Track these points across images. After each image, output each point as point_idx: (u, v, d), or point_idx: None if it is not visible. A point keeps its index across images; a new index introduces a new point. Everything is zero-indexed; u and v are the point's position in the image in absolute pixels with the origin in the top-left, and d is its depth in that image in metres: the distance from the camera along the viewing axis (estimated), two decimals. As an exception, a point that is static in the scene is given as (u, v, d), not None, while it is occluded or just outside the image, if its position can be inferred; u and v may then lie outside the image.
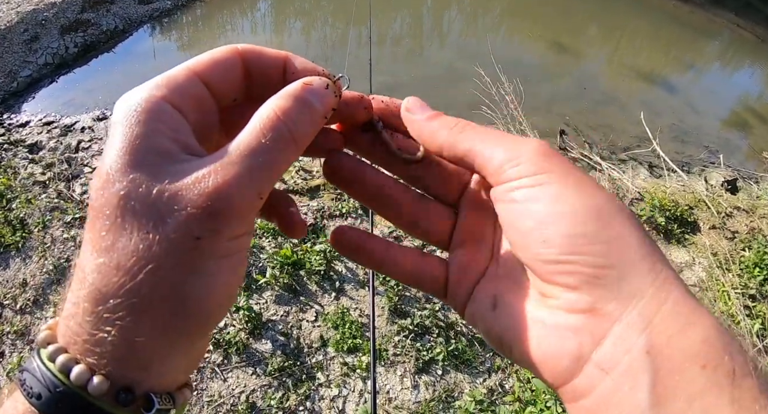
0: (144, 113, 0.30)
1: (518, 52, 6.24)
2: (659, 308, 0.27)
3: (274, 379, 2.33)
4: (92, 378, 0.27)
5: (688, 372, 0.25)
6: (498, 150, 0.34)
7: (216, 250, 0.29)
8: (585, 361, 0.28)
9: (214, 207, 0.28)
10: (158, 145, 0.29)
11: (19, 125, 4.09)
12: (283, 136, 0.31)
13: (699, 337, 0.26)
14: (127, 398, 0.28)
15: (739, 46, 7.05)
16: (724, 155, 4.36)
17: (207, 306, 0.29)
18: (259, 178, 0.30)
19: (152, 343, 0.28)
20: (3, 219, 3.07)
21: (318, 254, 2.82)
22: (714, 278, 2.98)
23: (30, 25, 5.14)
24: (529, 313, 0.32)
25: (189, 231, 0.28)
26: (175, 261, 0.28)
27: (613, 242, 0.29)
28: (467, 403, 2.26)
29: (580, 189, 0.31)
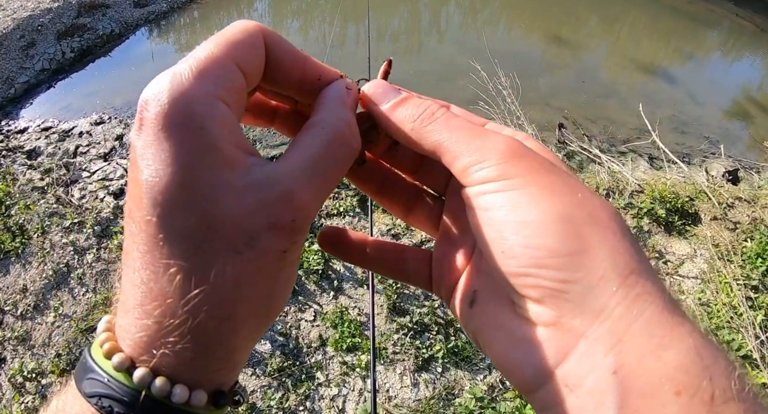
0: (207, 119, 0.27)
1: (517, 45, 6.22)
2: (629, 327, 0.25)
3: (274, 380, 2.33)
4: (193, 393, 0.27)
5: (660, 397, 0.23)
6: (464, 149, 0.31)
7: (293, 258, 0.30)
8: (550, 376, 0.27)
9: (298, 223, 0.29)
10: (228, 156, 0.27)
11: (17, 131, 4.10)
12: (349, 152, 0.32)
13: (673, 362, 0.24)
14: (225, 402, 0.29)
15: (738, 36, 7.00)
16: (724, 146, 4.33)
17: (283, 305, 0.32)
18: (327, 189, 0.31)
19: (244, 348, 0.30)
20: (2, 225, 3.08)
21: (316, 253, 2.81)
22: (716, 269, 2.96)
23: (26, 31, 5.15)
24: (501, 317, 0.31)
25: (279, 245, 0.28)
26: (266, 277, 0.28)
27: (578, 255, 0.27)
28: (467, 400, 2.25)
29: (546, 196, 0.28)
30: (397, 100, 0.35)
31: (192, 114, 0.26)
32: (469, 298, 0.34)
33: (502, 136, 0.32)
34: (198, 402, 0.27)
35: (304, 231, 0.30)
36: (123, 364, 0.27)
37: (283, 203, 0.28)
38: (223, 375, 0.29)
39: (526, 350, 0.28)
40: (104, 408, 0.27)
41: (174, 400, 0.27)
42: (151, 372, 0.27)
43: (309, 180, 0.29)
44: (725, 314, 2.69)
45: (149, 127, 0.26)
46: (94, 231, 3.07)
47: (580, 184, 0.30)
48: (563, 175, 0.30)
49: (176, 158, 0.26)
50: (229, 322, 0.28)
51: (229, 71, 0.29)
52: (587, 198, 0.29)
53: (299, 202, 0.28)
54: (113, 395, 0.27)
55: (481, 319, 0.33)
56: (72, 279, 2.85)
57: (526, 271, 0.28)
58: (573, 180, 0.30)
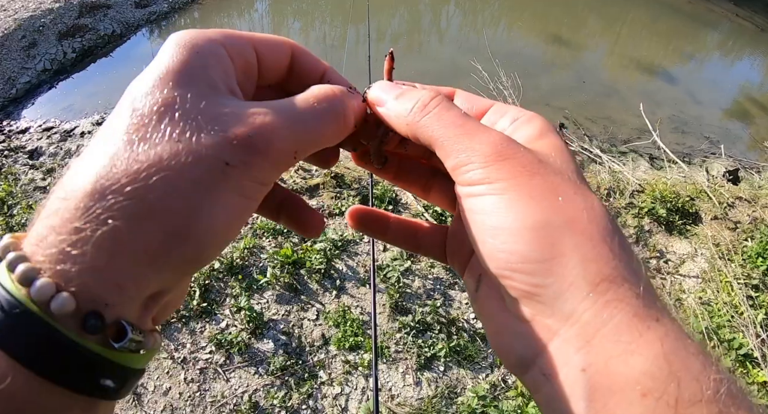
0: (202, 47, 0.30)
1: (518, 45, 6.22)
2: (597, 331, 0.26)
3: (277, 379, 2.34)
4: (57, 294, 0.23)
5: (627, 395, 0.24)
6: (454, 147, 0.32)
7: (239, 184, 0.28)
8: (530, 364, 0.29)
9: (253, 140, 0.28)
10: (210, 78, 0.29)
11: (18, 132, 4.11)
12: (333, 110, 0.32)
13: (639, 367, 0.24)
14: (96, 324, 0.23)
15: (738, 36, 7.01)
16: (725, 145, 4.34)
17: (208, 239, 0.27)
18: (300, 136, 0.30)
19: (139, 254, 0.25)
20: (5, 225, 3.09)
21: (318, 253, 2.82)
22: (717, 269, 2.96)
23: (28, 32, 5.15)
24: (494, 306, 0.33)
25: (221, 153, 0.27)
26: (197, 177, 0.26)
27: (549, 261, 0.27)
28: (470, 398, 2.26)
29: (524, 202, 0.29)
30: (396, 93, 0.36)
31: (192, 42, 0.30)
32: (475, 281, 0.36)
33: (490, 134, 0.32)
34: (60, 306, 0.23)
35: (259, 155, 0.28)
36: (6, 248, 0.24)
37: (245, 117, 0.28)
38: (104, 286, 0.24)
39: (511, 340, 0.30)
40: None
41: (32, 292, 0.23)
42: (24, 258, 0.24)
43: (279, 114, 0.30)
44: (726, 313, 2.70)
45: (158, 53, 0.30)
46: (97, 231, 3.08)
47: (565, 184, 0.30)
48: (547, 176, 0.30)
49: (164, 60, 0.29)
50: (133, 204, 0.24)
51: (243, 43, 0.33)
52: (569, 201, 0.29)
53: (262, 123, 0.28)
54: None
55: (482, 304, 0.35)
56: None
57: (503, 273, 0.29)
58: (558, 180, 0.30)
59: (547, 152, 0.32)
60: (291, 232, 2.97)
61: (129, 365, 0.26)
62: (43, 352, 0.23)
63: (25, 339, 0.23)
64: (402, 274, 2.73)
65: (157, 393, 2.28)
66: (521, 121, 0.35)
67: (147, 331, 0.27)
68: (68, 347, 0.23)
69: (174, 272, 0.26)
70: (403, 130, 0.35)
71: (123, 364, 0.26)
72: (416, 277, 2.79)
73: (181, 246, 0.26)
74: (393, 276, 2.70)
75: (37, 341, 0.23)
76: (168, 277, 0.26)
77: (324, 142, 0.33)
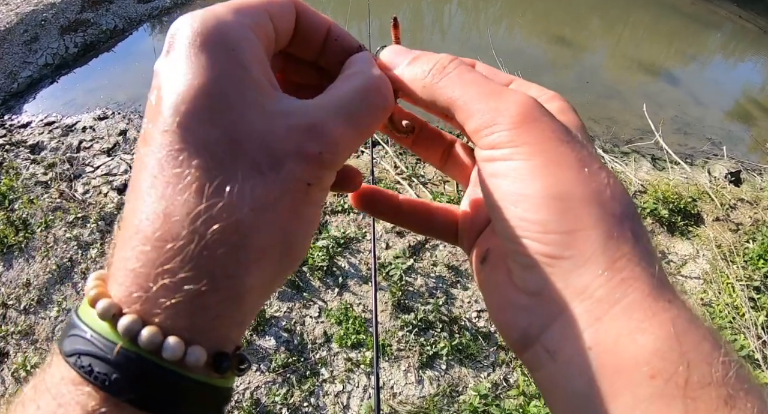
0: (232, 40, 0.26)
1: (520, 44, 6.22)
2: (610, 309, 0.25)
3: (279, 376, 2.34)
4: (189, 350, 0.23)
5: (635, 376, 0.24)
6: (477, 108, 0.30)
7: (317, 198, 0.28)
8: (534, 340, 0.28)
9: (325, 156, 0.27)
10: (255, 81, 0.27)
11: (20, 126, 4.09)
12: (383, 104, 0.31)
13: (649, 346, 0.24)
14: (228, 365, 0.24)
15: (741, 38, 7.01)
16: (727, 147, 4.34)
17: (303, 253, 0.28)
18: (359, 139, 0.30)
19: (257, 293, 0.25)
20: (6, 220, 3.08)
21: (321, 250, 2.81)
22: (718, 270, 2.96)
23: (29, 26, 5.14)
24: (499, 280, 0.32)
25: (304, 176, 0.26)
26: (290, 206, 0.26)
27: (569, 233, 0.27)
28: (472, 397, 2.26)
29: (550, 169, 0.28)
30: (412, 56, 0.34)
31: (225, 35, 0.26)
32: (482, 255, 0.35)
33: (518, 95, 0.30)
34: (195, 361, 0.23)
35: (330, 167, 0.28)
36: (108, 312, 0.23)
37: (312, 133, 0.27)
38: (228, 328, 0.25)
39: (515, 314, 0.30)
40: (83, 368, 0.22)
41: (165, 355, 0.22)
42: (139, 319, 0.23)
43: (340, 117, 0.28)
44: (728, 315, 2.70)
45: (179, 47, 0.26)
46: (98, 226, 3.07)
47: (590, 157, 0.29)
48: (575, 145, 0.29)
49: (205, 71, 0.25)
50: (242, 252, 0.24)
51: (262, 16, 0.29)
52: (594, 174, 0.28)
53: (328, 136, 0.27)
54: (94, 352, 0.23)
55: (486, 278, 0.34)
56: (75, 274, 2.85)
57: (520, 241, 0.28)
58: (584, 152, 0.29)
59: (572, 122, 0.32)
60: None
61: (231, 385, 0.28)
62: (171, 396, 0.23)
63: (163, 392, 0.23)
64: (404, 272, 2.73)
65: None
66: (542, 99, 0.34)
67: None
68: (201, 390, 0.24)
69: (274, 290, 0.29)
70: (419, 93, 0.33)
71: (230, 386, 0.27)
72: (419, 275, 2.79)
73: (288, 270, 0.28)
74: (395, 274, 2.70)
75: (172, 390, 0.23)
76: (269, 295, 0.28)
77: (374, 132, 0.32)
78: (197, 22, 0.26)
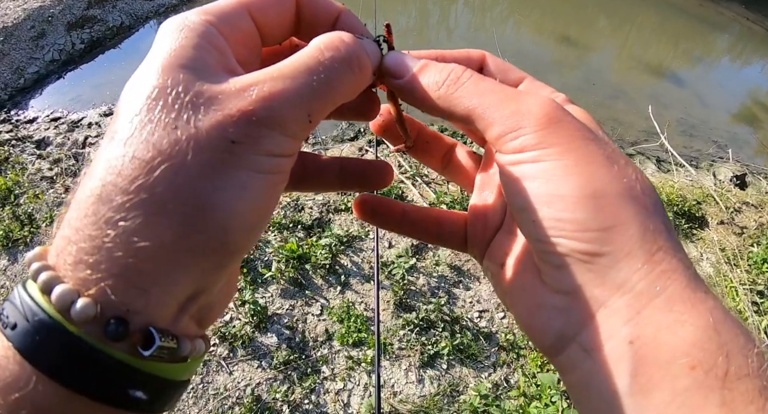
0: (191, 30, 0.27)
1: (526, 45, 6.20)
2: (650, 302, 0.25)
3: (280, 373, 2.34)
4: (77, 300, 0.22)
5: (674, 368, 0.24)
6: (499, 115, 0.30)
7: (252, 161, 0.25)
8: (569, 341, 0.28)
9: (256, 113, 0.25)
10: (203, 59, 0.27)
11: (26, 121, 4.12)
12: (343, 58, 0.29)
13: (690, 337, 0.24)
14: (118, 330, 0.22)
15: (748, 40, 6.97)
16: (732, 150, 4.32)
17: (231, 223, 0.25)
18: (311, 95, 0.27)
19: (157, 253, 0.23)
20: (11, 214, 3.10)
21: (323, 248, 2.82)
22: (722, 274, 2.95)
23: (36, 22, 5.16)
24: (527, 283, 0.31)
25: (224, 132, 0.25)
26: (202, 161, 0.24)
27: (608, 230, 0.27)
28: (472, 397, 2.26)
29: (581, 168, 0.28)
30: (416, 68, 0.33)
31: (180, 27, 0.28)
32: (500, 259, 0.35)
33: (537, 98, 0.30)
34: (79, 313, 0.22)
35: (266, 127, 0.26)
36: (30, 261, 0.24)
37: (243, 91, 0.26)
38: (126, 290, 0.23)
39: (548, 317, 0.29)
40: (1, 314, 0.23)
41: (53, 300, 0.22)
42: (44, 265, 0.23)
43: (282, 79, 0.27)
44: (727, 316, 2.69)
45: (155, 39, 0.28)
46: (103, 221, 3.09)
47: (617, 154, 0.29)
48: (601, 143, 0.29)
49: (154, 52, 0.27)
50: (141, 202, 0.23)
51: (235, 14, 0.30)
52: (623, 169, 0.28)
53: (262, 92, 0.26)
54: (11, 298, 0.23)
55: (510, 283, 0.33)
56: (80, 269, 2.86)
57: (555, 241, 0.28)
58: (610, 149, 0.29)
59: (591, 124, 0.32)
60: (296, 226, 2.98)
61: (164, 376, 0.25)
62: (64, 359, 0.22)
63: (46, 346, 0.22)
64: (407, 271, 2.73)
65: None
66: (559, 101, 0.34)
67: (185, 337, 0.25)
68: (90, 355, 0.22)
69: (203, 268, 0.25)
70: (431, 104, 0.33)
71: (156, 374, 0.24)
72: (421, 274, 2.79)
73: (200, 236, 0.24)
74: (398, 273, 2.70)
75: (58, 348, 0.22)
76: (198, 274, 0.25)
77: (339, 96, 0.29)
78: (169, 19, 0.29)
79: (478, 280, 2.82)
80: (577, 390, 0.28)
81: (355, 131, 4.05)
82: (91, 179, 0.24)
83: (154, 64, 0.26)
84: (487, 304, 2.69)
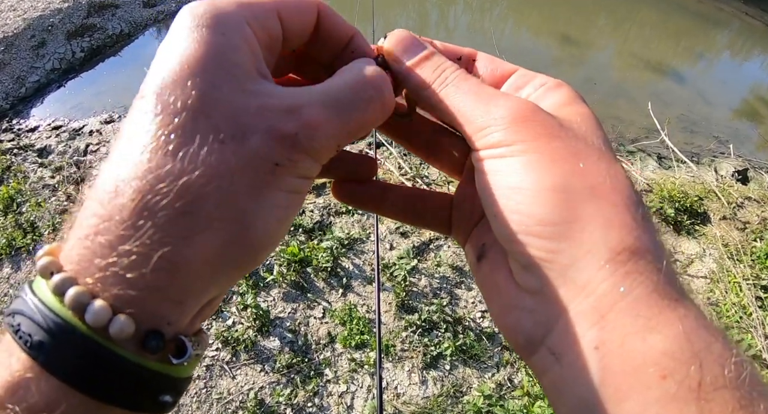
0: (226, 26, 0.26)
1: (526, 44, 6.21)
2: (614, 304, 0.24)
3: (283, 376, 2.34)
4: (114, 318, 0.22)
5: (644, 377, 0.23)
6: (472, 114, 0.31)
7: (287, 182, 0.26)
8: (539, 344, 0.27)
9: (300, 138, 0.26)
10: (242, 63, 0.26)
11: (28, 130, 4.14)
12: (378, 98, 0.30)
13: (659, 345, 0.23)
14: (158, 345, 0.22)
15: (748, 36, 6.95)
16: (734, 145, 4.30)
17: (264, 239, 0.26)
18: (344, 129, 0.28)
19: (199, 268, 0.23)
20: (14, 222, 3.11)
21: (325, 251, 2.82)
22: (725, 269, 2.94)
23: (37, 31, 5.19)
24: (499, 279, 0.31)
25: (270, 153, 0.25)
26: (249, 182, 0.24)
27: (566, 225, 0.26)
28: (476, 398, 2.25)
29: (544, 163, 0.28)
30: (415, 60, 0.34)
31: (219, 20, 0.26)
32: (478, 251, 0.34)
33: (511, 99, 0.31)
34: (119, 331, 0.21)
35: (307, 152, 0.27)
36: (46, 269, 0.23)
37: (290, 113, 0.26)
38: (161, 303, 0.23)
39: (518, 317, 0.29)
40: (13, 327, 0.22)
41: (87, 319, 0.21)
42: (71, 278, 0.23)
43: (325, 104, 0.28)
44: (735, 314, 2.68)
45: (177, 28, 0.27)
46: (105, 228, 3.10)
47: (587, 150, 0.29)
48: (570, 140, 0.29)
49: (192, 47, 0.25)
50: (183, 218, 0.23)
51: (268, 14, 0.29)
52: (591, 166, 0.28)
53: (307, 118, 0.26)
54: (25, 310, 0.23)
55: (485, 279, 0.33)
56: (83, 276, 2.87)
57: (515, 238, 0.28)
58: (580, 145, 0.29)
59: (572, 119, 0.31)
60: (297, 230, 2.98)
61: (184, 376, 0.26)
62: (101, 375, 0.22)
63: (83, 365, 0.22)
64: (408, 272, 2.73)
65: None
66: (547, 88, 0.34)
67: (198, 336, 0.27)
68: (126, 368, 0.22)
69: (231, 279, 0.26)
70: (420, 100, 0.34)
71: (179, 376, 0.25)
72: (423, 275, 2.79)
73: (240, 252, 0.25)
74: (399, 275, 2.70)
75: (96, 366, 0.22)
76: (226, 283, 0.26)
77: (367, 130, 0.31)
78: (199, 6, 0.27)
79: (480, 281, 2.81)
80: (550, 393, 0.27)
81: (355, 134, 4.05)
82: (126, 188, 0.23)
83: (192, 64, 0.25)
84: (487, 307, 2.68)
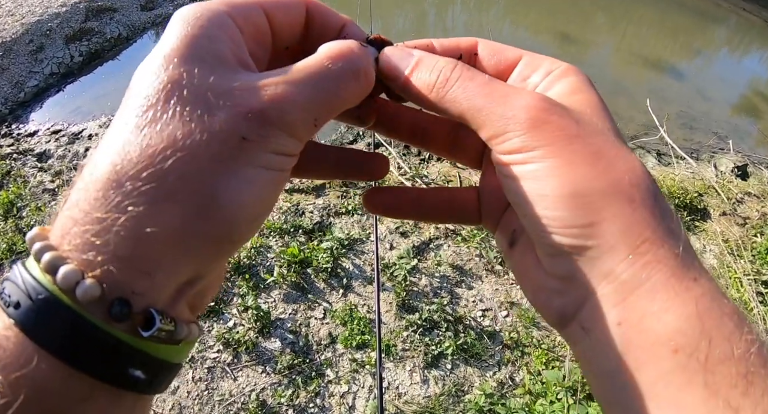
0: (206, 19, 0.29)
1: (524, 43, 6.20)
2: (635, 290, 0.27)
3: (284, 377, 2.34)
4: (82, 281, 0.22)
5: (658, 350, 0.25)
6: (486, 119, 0.31)
7: (259, 158, 0.27)
8: (570, 319, 0.30)
9: (267, 113, 0.27)
10: (217, 50, 0.28)
11: (27, 135, 4.14)
12: (350, 68, 0.30)
13: (673, 324, 0.25)
14: (122, 311, 0.23)
15: (746, 31, 6.96)
16: (733, 141, 4.30)
17: (236, 215, 0.26)
18: (317, 101, 0.29)
19: (164, 239, 0.24)
20: (14, 227, 3.11)
21: (325, 252, 2.82)
22: (725, 265, 2.94)
23: (35, 36, 5.19)
24: (530, 265, 0.34)
25: (236, 127, 0.26)
26: (213, 155, 0.25)
27: (591, 227, 0.28)
28: (477, 396, 2.25)
29: (564, 168, 0.29)
30: (409, 69, 0.34)
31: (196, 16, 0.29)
32: (509, 238, 0.36)
33: (524, 98, 0.31)
34: (83, 293, 0.22)
35: (275, 127, 0.27)
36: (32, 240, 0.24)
37: (258, 90, 0.27)
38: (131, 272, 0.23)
39: (549, 298, 0.32)
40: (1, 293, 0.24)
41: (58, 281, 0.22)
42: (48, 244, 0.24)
43: (292, 83, 0.28)
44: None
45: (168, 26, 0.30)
46: (105, 232, 3.10)
47: (606, 145, 0.30)
48: (587, 138, 0.30)
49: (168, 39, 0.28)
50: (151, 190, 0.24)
51: (251, 8, 0.31)
52: (611, 164, 0.29)
53: (276, 94, 0.27)
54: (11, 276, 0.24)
55: (516, 262, 0.35)
56: (83, 279, 2.87)
57: (545, 234, 0.30)
58: (598, 142, 0.30)
59: (583, 110, 0.32)
60: (297, 231, 2.98)
61: (161, 357, 0.26)
62: (68, 337, 0.22)
63: (50, 325, 0.22)
64: (408, 272, 2.73)
65: (165, 391, 2.29)
66: (555, 75, 0.34)
67: (181, 321, 0.26)
68: (93, 333, 0.23)
69: (205, 255, 0.26)
70: (430, 105, 0.34)
71: (153, 354, 0.25)
72: (423, 275, 2.79)
73: (207, 225, 0.25)
74: (399, 274, 2.70)
75: (62, 327, 0.23)
76: (200, 260, 0.26)
77: (344, 103, 0.31)
78: (186, 8, 0.29)
79: (480, 280, 2.81)
80: (582, 361, 0.30)
81: (354, 134, 4.06)
82: (101, 163, 0.25)
83: (170, 54, 0.27)
84: (490, 303, 2.69)
